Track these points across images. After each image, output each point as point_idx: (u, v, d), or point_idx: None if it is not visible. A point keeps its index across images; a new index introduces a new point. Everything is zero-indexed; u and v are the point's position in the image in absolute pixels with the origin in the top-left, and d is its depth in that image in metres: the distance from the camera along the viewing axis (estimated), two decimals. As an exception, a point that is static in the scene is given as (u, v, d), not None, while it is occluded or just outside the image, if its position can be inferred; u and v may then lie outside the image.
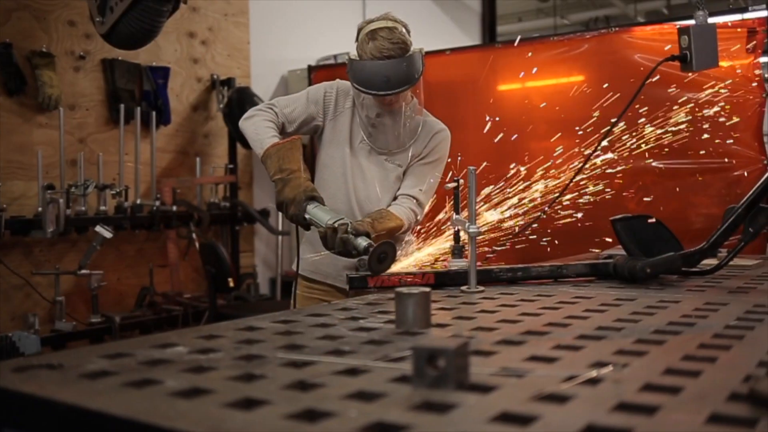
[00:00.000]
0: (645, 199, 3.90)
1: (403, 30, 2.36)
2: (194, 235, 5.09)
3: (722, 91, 3.85)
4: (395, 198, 2.52)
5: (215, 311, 4.56)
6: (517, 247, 2.57)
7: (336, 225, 2.18)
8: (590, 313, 1.59)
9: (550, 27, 11.64)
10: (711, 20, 3.51)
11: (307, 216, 2.26)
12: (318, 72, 5.82)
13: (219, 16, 5.72)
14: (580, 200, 2.74)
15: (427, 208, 2.56)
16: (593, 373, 1.01)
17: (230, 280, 4.42)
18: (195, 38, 5.55)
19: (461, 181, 2.11)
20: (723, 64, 3.77)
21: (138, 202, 4.83)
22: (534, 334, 1.36)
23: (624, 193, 3.87)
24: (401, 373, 1.05)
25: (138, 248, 5.10)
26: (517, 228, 2.46)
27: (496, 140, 4.05)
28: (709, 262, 2.19)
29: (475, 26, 8.89)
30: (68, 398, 0.96)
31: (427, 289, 1.45)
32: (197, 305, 4.89)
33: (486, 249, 2.49)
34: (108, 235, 4.14)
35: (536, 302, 1.77)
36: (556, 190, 2.53)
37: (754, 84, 3.88)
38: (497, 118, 4.33)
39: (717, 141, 3.89)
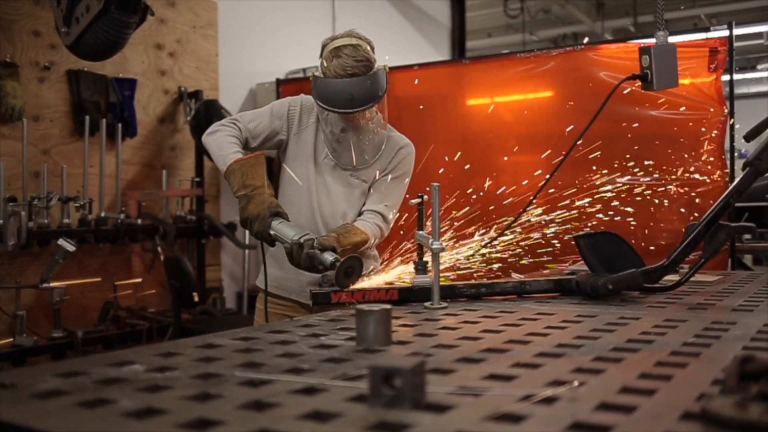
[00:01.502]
0: (610, 213, 3.94)
1: (368, 47, 2.36)
2: (159, 249, 5.03)
3: (685, 109, 3.92)
4: (360, 213, 2.52)
5: (180, 326, 4.51)
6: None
7: (302, 240, 2.17)
8: (551, 329, 1.59)
9: (519, 43, 11.76)
10: (675, 39, 3.57)
11: (272, 232, 2.24)
12: (286, 85, 5.82)
13: (187, 28, 5.69)
14: (546, 217, 2.76)
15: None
16: (549, 392, 1.02)
17: (195, 294, 4.38)
18: (162, 50, 5.51)
19: (425, 197, 2.12)
20: (684, 82, 3.84)
21: (102, 215, 4.77)
22: (494, 351, 1.36)
23: (589, 209, 3.90)
24: (358, 392, 1.05)
25: (102, 262, 5.03)
26: (487, 238, 2.46)
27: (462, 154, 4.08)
28: (671, 278, 2.22)
29: (444, 41, 8.95)
30: (17, 419, 0.94)
31: (388, 306, 1.45)
32: (162, 320, 4.83)
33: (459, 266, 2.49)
34: (71, 248, 4.08)
35: (498, 319, 1.77)
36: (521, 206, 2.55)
37: (716, 102, 3.94)
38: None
39: (681, 158, 3.95)
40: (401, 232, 2.60)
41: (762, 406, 0.85)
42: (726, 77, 3.98)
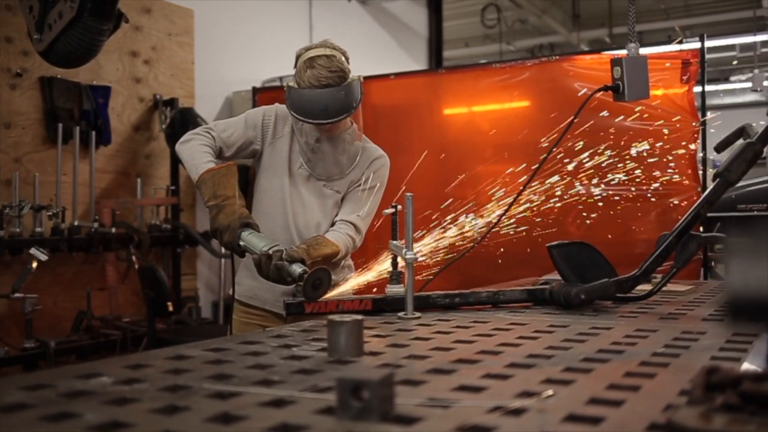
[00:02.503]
0: (587, 221, 3.96)
1: (342, 58, 2.36)
2: (134, 258, 4.99)
3: (658, 120, 3.96)
4: (333, 224, 2.51)
5: (154, 336, 4.47)
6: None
7: (270, 252, 2.16)
8: (523, 340, 1.60)
9: (496, 53, 11.83)
10: (648, 51, 3.61)
11: (241, 243, 2.23)
12: (263, 94, 5.80)
13: (163, 36, 5.66)
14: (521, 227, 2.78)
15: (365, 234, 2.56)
16: (517, 404, 1.02)
17: (169, 304, 4.34)
18: (138, 57, 5.47)
19: (399, 206, 2.12)
20: (657, 93, 3.88)
21: (76, 223, 4.72)
22: (465, 362, 1.36)
23: (565, 219, 3.93)
24: (327, 405, 1.04)
25: (75, 271, 4.97)
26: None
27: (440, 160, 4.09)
28: (644, 287, 2.24)
29: (422, 50, 8.98)
30: (-22, 434, 0.92)
31: (360, 317, 1.44)
32: (136, 330, 4.79)
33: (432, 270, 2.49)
34: (43, 257, 4.03)
35: (471, 329, 1.77)
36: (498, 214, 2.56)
37: (688, 113, 3.99)
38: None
39: (654, 168, 3.99)
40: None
41: (726, 417, 0.86)
42: (698, 89, 4.03)
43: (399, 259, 2.12)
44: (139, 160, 5.50)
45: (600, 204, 3.78)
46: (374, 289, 2.28)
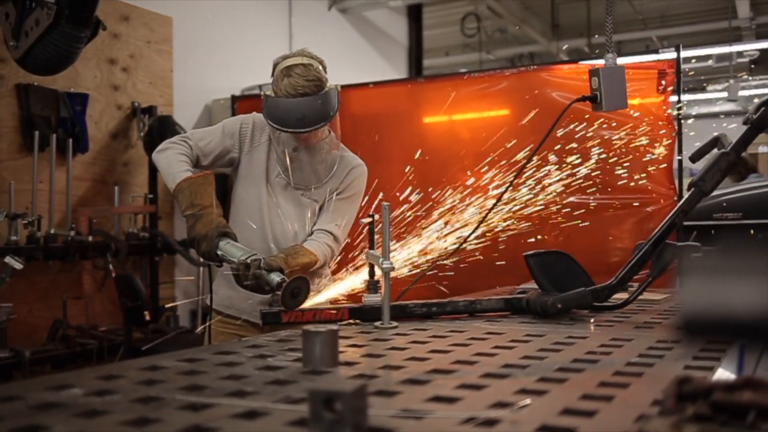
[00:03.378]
0: (568, 225, 3.98)
1: (319, 67, 2.36)
2: (111, 267, 4.94)
3: (635, 129, 3.99)
4: (311, 233, 2.50)
5: (131, 345, 4.42)
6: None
7: (248, 261, 2.15)
8: (499, 350, 1.60)
9: (476, 62, 11.88)
10: (625, 61, 3.64)
11: (219, 252, 2.23)
12: (242, 102, 5.78)
13: (141, 43, 5.63)
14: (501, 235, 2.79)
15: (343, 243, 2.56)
16: (491, 415, 1.02)
17: (146, 313, 4.30)
18: (116, 65, 5.44)
19: (376, 216, 2.12)
20: (634, 102, 3.91)
21: (52, 231, 4.67)
22: (440, 372, 1.36)
23: (542, 228, 3.95)
24: (300, 416, 1.03)
25: (51, 279, 4.91)
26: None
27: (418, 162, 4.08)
28: (620, 296, 2.25)
29: (402, 59, 9.00)
30: (-57, 448, 0.91)
31: (335, 327, 1.44)
32: (113, 339, 4.74)
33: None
34: (18, 266, 3.98)
35: (447, 339, 1.77)
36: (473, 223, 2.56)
37: (665, 122, 4.03)
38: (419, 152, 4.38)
39: (631, 177, 4.02)
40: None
41: (697, 427, 0.86)
42: (674, 98, 4.06)
43: (376, 268, 2.12)
44: (117, 168, 5.46)
45: (577, 212, 3.79)
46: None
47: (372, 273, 2.15)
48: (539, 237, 3.78)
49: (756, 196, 5.13)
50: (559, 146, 3.59)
